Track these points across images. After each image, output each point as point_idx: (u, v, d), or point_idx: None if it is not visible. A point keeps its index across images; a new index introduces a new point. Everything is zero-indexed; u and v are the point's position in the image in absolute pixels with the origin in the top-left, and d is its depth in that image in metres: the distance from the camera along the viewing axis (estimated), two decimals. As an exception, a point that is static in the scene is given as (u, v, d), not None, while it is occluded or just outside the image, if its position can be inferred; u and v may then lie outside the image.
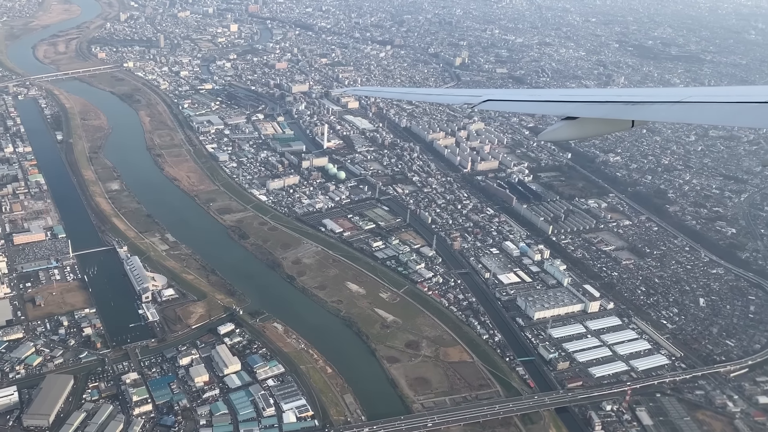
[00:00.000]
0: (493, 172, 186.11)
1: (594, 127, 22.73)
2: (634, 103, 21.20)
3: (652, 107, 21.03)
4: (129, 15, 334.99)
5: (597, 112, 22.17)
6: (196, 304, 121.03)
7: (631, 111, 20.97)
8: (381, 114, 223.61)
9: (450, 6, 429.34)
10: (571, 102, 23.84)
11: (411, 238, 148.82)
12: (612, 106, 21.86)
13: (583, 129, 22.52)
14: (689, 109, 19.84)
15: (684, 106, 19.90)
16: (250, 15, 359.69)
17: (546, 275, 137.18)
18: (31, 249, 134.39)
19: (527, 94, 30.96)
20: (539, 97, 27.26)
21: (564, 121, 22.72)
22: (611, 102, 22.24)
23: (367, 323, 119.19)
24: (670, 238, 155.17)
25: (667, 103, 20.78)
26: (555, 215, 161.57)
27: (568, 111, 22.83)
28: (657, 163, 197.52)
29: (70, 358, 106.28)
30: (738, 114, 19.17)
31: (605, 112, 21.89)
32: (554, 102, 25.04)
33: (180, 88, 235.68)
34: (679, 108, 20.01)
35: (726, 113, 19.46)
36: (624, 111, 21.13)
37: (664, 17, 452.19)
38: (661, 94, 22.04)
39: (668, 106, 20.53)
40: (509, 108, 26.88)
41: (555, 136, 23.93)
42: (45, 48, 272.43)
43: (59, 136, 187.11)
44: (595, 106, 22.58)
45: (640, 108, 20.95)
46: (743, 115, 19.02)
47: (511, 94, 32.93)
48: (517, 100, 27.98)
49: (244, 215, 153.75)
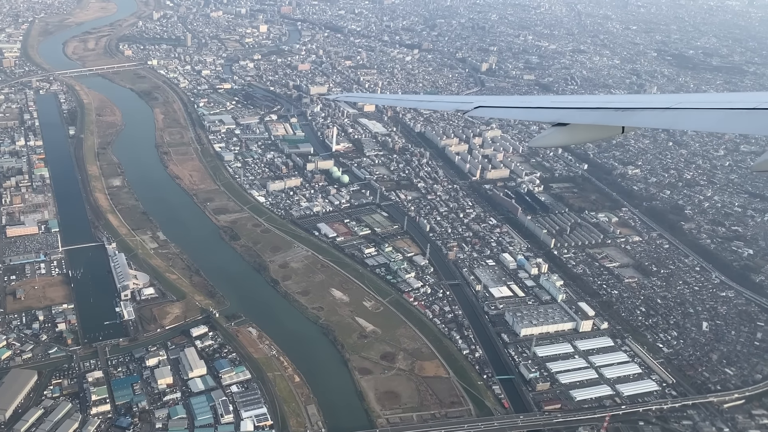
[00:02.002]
0: (502, 180, 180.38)
1: (584, 134, 22.90)
2: (624, 110, 21.30)
3: (642, 113, 21.03)
4: (162, 14, 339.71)
5: (587, 119, 22.30)
6: (174, 304, 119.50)
7: (621, 117, 21.05)
8: (396, 118, 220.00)
9: (486, 11, 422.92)
10: (562, 108, 23.75)
11: (406, 245, 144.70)
12: (602, 113, 21.88)
13: (573, 135, 22.74)
14: (679, 115, 19.83)
15: (674, 112, 19.97)
16: (282, 16, 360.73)
17: (540, 290, 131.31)
18: (22, 242, 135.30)
19: (518, 100, 30.68)
20: (530, 103, 26.94)
21: (554, 128, 22.87)
22: (601, 108, 22.22)
23: (344, 332, 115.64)
24: (681, 257, 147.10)
25: (657, 109, 20.84)
26: (560, 228, 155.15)
27: (558, 117, 22.88)
28: (678, 178, 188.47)
29: (39, 353, 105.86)
30: (727, 120, 19.11)
31: (595, 118, 21.99)
32: (545, 108, 24.76)
33: (198, 87, 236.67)
34: (669, 114, 20.05)
35: (715, 120, 19.47)
36: (614, 117, 21.23)
37: (710, 27, 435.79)
38: (651, 101, 22.05)
39: (658, 113, 20.58)
40: (500, 114, 29.82)
41: (545, 142, 24.49)
42: (75, 44, 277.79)
43: (72, 130, 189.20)
44: (586, 112, 22.68)
45: (630, 114, 21.02)
46: (732, 121, 18.99)
47: (503, 100, 31.69)
48: (508, 107, 28.43)
49: (239, 216, 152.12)
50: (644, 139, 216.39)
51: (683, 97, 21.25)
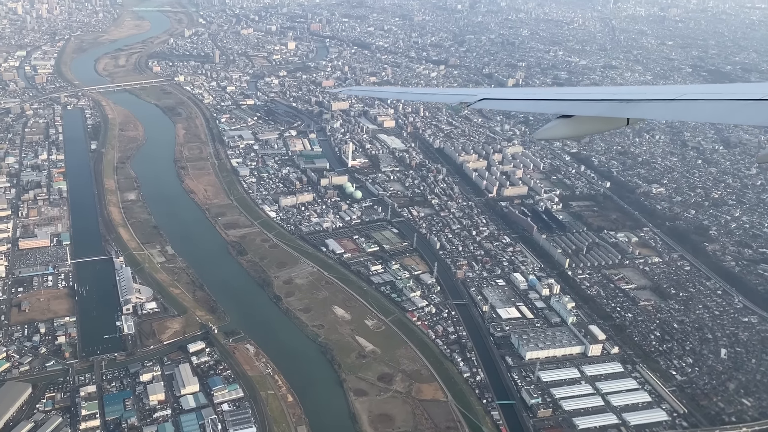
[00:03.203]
0: (520, 198, 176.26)
1: (589, 125, 22.78)
2: (629, 101, 21.21)
3: (647, 105, 20.92)
4: (194, 31, 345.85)
5: (592, 110, 22.25)
6: (174, 319, 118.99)
7: (626, 109, 20.96)
8: (416, 134, 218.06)
9: (517, 27, 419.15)
10: (567, 100, 23.76)
11: (414, 263, 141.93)
12: (607, 104, 21.89)
13: (578, 127, 22.61)
14: (684, 107, 19.71)
15: (679, 104, 19.83)
16: (312, 33, 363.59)
17: (550, 312, 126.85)
18: (33, 254, 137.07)
19: (523, 92, 31.00)
20: (535, 95, 26.80)
21: (559, 120, 22.76)
22: (606, 100, 22.24)
23: (343, 351, 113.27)
24: (702, 280, 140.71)
25: (662, 101, 20.66)
26: (577, 248, 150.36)
27: (563, 109, 22.86)
28: (705, 197, 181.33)
29: (36, 365, 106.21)
30: (733, 111, 19.07)
31: (600, 110, 21.93)
32: (549, 100, 24.79)
33: (222, 103, 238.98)
34: (674, 106, 19.92)
35: (721, 111, 19.34)
36: (619, 109, 21.12)
37: (750, 42, 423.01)
38: (656, 92, 21.94)
39: (663, 104, 20.46)
40: (505, 107, 26.84)
41: (550, 134, 24.02)
42: (106, 61, 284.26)
43: (93, 145, 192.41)
44: (591, 104, 22.69)
45: (635, 106, 20.93)
46: (738, 112, 18.90)
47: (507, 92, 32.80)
48: (512, 99, 27.99)
49: (249, 231, 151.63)
50: (672, 157, 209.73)
51: (689, 88, 21.04)
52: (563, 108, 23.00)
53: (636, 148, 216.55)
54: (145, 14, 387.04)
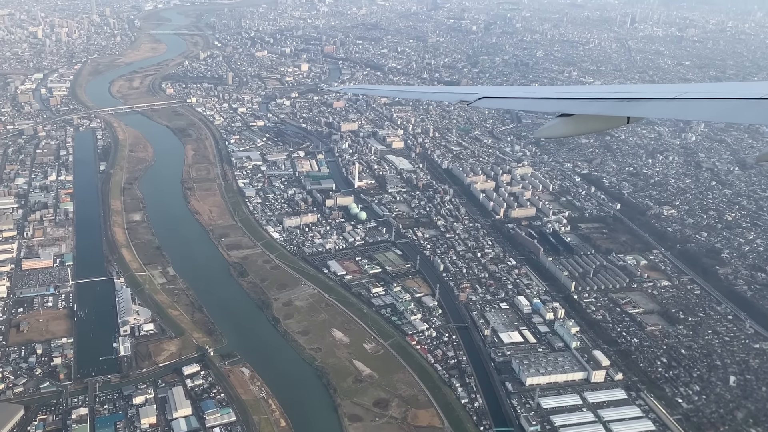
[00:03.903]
0: (528, 219, 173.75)
1: (589, 124, 22.80)
2: (629, 100, 21.15)
3: (647, 104, 20.89)
4: (209, 53, 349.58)
5: (592, 109, 22.23)
6: (171, 341, 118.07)
7: (626, 107, 20.92)
8: (425, 155, 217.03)
9: (532, 48, 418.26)
10: (567, 99, 23.68)
11: (416, 285, 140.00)
12: (607, 103, 21.79)
13: (578, 126, 22.66)
14: (684, 105, 19.63)
15: (679, 102, 19.73)
16: (325, 55, 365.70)
17: (554, 337, 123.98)
18: (36, 275, 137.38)
19: (523, 91, 30.20)
20: (535, 94, 26.55)
21: (559, 118, 22.80)
22: (606, 99, 22.09)
23: (340, 375, 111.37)
24: (713, 304, 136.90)
25: (662, 99, 20.63)
26: (584, 270, 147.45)
27: (563, 108, 22.81)
28: (719, 219, 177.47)
29: (30, 387, 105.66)
30: (733, 110, 18.90)
31: (600, 108, 21.91)
32: (549, 99, 24.63)
33: (233, 124, 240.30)
34: (674, 104, 19.80)
35: (721, 109, 19.25)
36: (619, 107, 21.07)
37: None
38: (656, 91, 21.88)
39: (663, 103, 20.40)
40: (505, 105, 27.46)
41: (550, 132, 24.05)
42: (121, 83, 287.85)
43: (102, 166, 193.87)
44: (591, 102, 22.57)
45: (635, 104, 20.90)
46: (738, 111, 18.76)
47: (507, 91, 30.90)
48: (512, 97, 27.94)
49: (251, 252, 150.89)
50: (685, 178, 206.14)
51: (689, 87, 20.91)
52: (563, 106, 22.88)
53: (648, 170, 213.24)
54: (162, 37, 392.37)
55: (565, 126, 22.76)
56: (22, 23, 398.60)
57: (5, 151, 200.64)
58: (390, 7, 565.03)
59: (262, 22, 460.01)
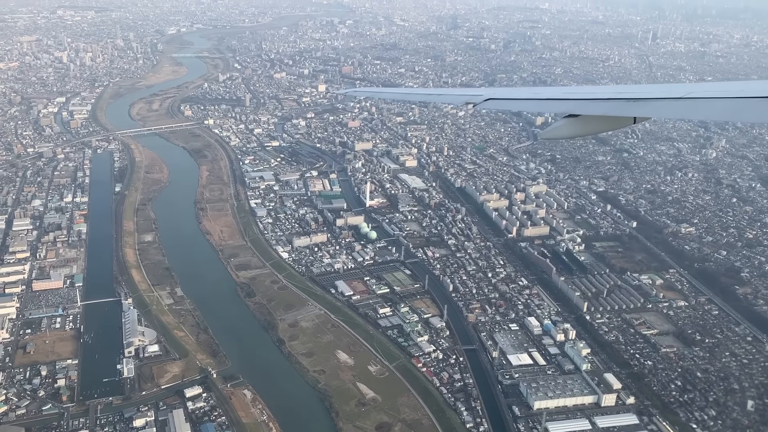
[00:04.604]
0: (541, 238, 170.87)
1: (596, 125, 22.71)
2: (636, 100, 21.00)
3: (653, 104, 20.77)
4: (228, 76, 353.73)
5: (598, 109, 22.15)
6: (175, 363, 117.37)
7: (632, 107, 20.78)
8: (438, 173, 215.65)
9: (550, 65, 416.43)
10: (573, 99, 23.67)
11: (425, 306, 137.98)
12: (613, 103, 21.70)
13: (584, 126, 22.59)
14: (691, 105, 19.53)
15: (686, 102, 19.66)
16: (343, 76, 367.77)
17: (564, 359, 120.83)
18: (45, 296, 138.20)
19: (529, 92, 30.23)
20: (541, 95, 26.54)
21: (566, 119, 22.77)
22: (613, 99, 21.97)
23: (342, 398, 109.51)
24: (731, 325, 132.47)
25: (669, 99, 20.50)
26: (597, 290, 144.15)
27: (569, 109, 22.79)
28: (739, 237, 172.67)
29: (33, 409, 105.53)
30: (740, 109, 18.87)
31: (607, 109, 21.80)
32: (556, 100, 24.73)
33: (248, 145, 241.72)
34: (681, 104, 19.75)
35: (728, 109, 19.17)
36: (625, 108, 20.97)
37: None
38: (662, 91, 21.76)
39: (670, 103, 20.28)
40: (511, 107, 27.72)
41: (557, 133, 24.25)
42: (140, 105, 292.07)
43: (118, 187, 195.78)
44: (597, 103, 22.49)
45: (642, 104, 20.76)
46: (746, 110, 18.68)
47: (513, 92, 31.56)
48: (519, 99, 28.17)
49: (260, 272, 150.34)
50: (705, 195, 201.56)
51: (696, 86, 20.80)
52: (570, 107, 22.82)
53: (667, 187, 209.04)
54: (184, 60, 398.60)
55: (572, 127, 22.73)
56: (48, 48, 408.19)
57: (24, 174, 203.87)
58: (409, 28, 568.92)
59: (283, 45, 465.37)
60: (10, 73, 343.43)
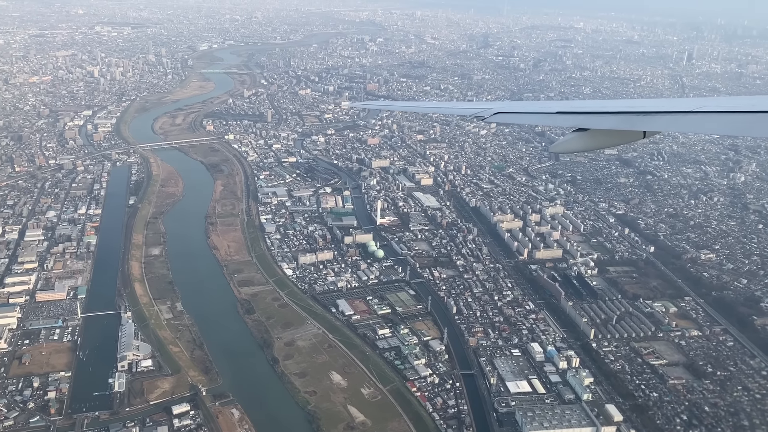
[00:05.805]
0: (553, 261, 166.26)
1: (605, 139, 22.75)
2: (646, 114, 20.90)
3: (664, 118, 20.62)
4: (253, 92, 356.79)
5: (608, 124, 22.12)
6: (166, 378, 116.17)
7: (642, 122, 20.74)
8: (453, 192, 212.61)
9: (580, 85, 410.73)
10: (582, 113, 23.66)
11: (425, 327, 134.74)
12: (623, 117, 21.66)
13: (594, 140, 22.53)
14: (702, 119, 19.33)
15: (696, 116, 19.46)
16: (367, 93, 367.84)
17: (565, 387, 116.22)
18: (48, 307, 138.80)
19: (538, 106, 30.51)
20: (550, 109, 26.34)
21: (575, 133, 22.69)
22: (622, 113, 21.93)
23: (331, 421, 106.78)
24: (746, 358, 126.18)
25: (679, 113, 20.40)
26: (607, 317, 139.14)
27: (578, 122, 22.72)
28: (762, 265, 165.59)
29: (21, 421, 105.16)
30: (752, 124, 18.51)
31: (616, 123, 21.78)
32: (565, 114, 24.62)
33: (265, 160, 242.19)
34: (691, 118, 19.52)
35: (738, 123, 18.92)
36: (635, 122, 20.89)
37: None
38: (672, 105, 21.68)
39: (680, 117, 20.14)
40: (520, 120, 26.77)
41: (566, 147, 24.34)
42: (164, 120, 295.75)
43: (132, 200, 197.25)
44: (606, 117, 22.45)
45: (652, 118, 20.62)
46: (757, 125, 18.30)
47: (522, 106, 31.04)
48: (527, 113, 28.12)
49: (262, 289, 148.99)
50: (729, 221, 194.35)
51: (706, 100, 20.49)
52: (579, 121, 22.72)
53: (690, 211, 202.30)
54: (212, 76, 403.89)
55: (581, 141, 22.56)
56: (81, 63, 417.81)
57: (43, 185, 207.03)
58: (439, 46, 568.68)
59: (311, 61, 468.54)
60: (42, 86, 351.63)
